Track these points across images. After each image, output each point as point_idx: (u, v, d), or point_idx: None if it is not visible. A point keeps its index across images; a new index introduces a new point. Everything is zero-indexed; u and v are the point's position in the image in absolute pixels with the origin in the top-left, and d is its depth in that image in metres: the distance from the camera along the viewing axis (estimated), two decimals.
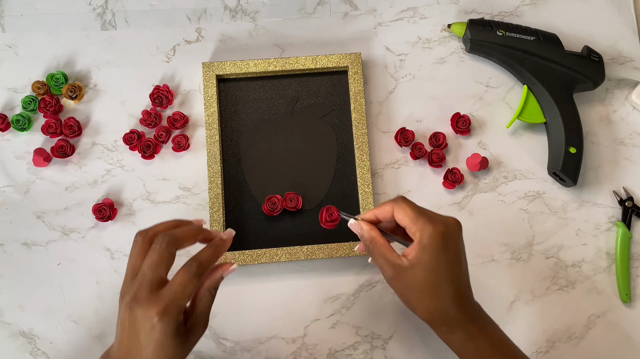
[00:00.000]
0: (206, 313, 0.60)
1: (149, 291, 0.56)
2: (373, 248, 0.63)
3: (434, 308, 0.61)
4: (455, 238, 0.61)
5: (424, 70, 0.83)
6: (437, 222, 0.60)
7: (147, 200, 0.78)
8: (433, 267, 0.60)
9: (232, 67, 0.79)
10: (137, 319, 0.55)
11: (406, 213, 0.61)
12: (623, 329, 0.77)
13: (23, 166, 0.79)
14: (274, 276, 0.77)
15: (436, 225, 0.60)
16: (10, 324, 0.75)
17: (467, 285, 0.63)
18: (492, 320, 0.65)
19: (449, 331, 0.62)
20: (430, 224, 0.60)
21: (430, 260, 0.59)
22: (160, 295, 0.56)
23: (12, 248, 0.77)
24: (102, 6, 0.83)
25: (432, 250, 0.59)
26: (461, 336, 0.62)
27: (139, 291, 0.56)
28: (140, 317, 0.55)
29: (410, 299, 0.62)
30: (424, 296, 0.61)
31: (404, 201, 0.62)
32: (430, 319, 0.62)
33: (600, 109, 0.83)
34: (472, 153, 0.79)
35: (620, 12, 0.85)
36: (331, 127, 0.80)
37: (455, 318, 0.61)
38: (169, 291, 0.56)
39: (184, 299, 0.56)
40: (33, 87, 0.79)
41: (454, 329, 0.62)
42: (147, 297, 0.56)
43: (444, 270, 0.60)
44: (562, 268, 0.78)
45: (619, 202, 0.79)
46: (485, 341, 0.62)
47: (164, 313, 0.55)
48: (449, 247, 0.60)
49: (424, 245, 0.60)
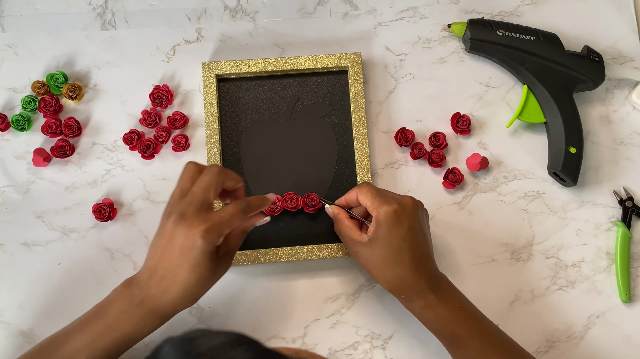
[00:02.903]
0: (234, 251, 0.66)
1: (197, 210, 0.60)
2: (339, 228, 0.71)
3: (392, 278, 0.67)
4: (409, 214, 0.67)
5: (424, 70, 0.83)
6: (392, 201, 0.67)
7: (147, 200, 0.78)
8: (387, 241, 0.66)
9: (232, 66, 0.79)
10: (180, 235, 0.59)
11: (366, 195, 0.68)
12: (623, 329, 0.77)
13: (23, 166, 0.79)
14: (274, 276, 0.77)
15: (391, 204, 0.66)
16: (10, 324, 0.75)
17: (426, 257, 0.68)
18: (456, 291, 0.70)
19: (407, 298, 0.68)
20: (386, 203, 0.66)
21: (385, 235, 0.66)
22: (208, 216, 0.60)
23: (12, 248, 0.77)
24: (102, 6, 0.83)
25: (387, 225, 0.66)
26: (419, 304, 0.68)
27: (187, 208, 0.60)
28: (183, 232, 0.59)
29: (371, 271, 0.68)
30: (381, 267, 0.67)
31: (366, 186, 0.69)
32: (390, 288, 0.68)
33: (600, 109, 0.83)
34: (472, 153, 0.79)
35: (620, 12, 0.85)
36: (331, 127, 0.80)
37: (413, 287, 0.67)
38: (216, 215, 0.60)
39: (227, 227, 0.60)
40: (33, 87, 0.79)
41: (412, 297, 0.68)
42: (194, 215, 0.59)
43: (398, 244, 0.66)
44: (562, 268, 0.78)
45: (619, 202, 0.79)
46: (445, 309, 0.67)
47: (208, 232, 0.58)
48: (402, 222, 0.66)
49: (379, 222, 0.66)
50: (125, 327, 0.63)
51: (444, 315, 0.67)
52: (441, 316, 0.67)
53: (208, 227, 0.59)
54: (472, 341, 0.67)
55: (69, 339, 0.64)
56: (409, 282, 0.67)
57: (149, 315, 0.63)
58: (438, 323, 0.68)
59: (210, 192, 0.61)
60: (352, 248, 0.69)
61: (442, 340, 0.69)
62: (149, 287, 0.62)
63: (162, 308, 0.62)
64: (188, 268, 0.59)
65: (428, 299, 0.67)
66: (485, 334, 0.68)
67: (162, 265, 0.61)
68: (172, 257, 0.60)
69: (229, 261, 0.65)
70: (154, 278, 0.61)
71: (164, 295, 0.61)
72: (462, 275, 0.77)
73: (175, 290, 0.61)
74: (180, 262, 0.59)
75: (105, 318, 0.63)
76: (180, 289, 0.60)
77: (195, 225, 0.59)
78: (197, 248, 0.58)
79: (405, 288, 0.67)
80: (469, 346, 0.67)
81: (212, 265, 0.60)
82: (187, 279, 0.60)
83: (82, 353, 0.62)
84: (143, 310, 0.62)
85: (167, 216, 0.61)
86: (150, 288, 0.62)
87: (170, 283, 0.60)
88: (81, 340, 0.63)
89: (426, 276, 0.67)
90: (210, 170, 0.63)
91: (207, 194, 0.61)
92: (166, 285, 0.61)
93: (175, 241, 0.59)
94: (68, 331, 0.65)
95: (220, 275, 0.64)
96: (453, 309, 0.67)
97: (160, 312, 0.63)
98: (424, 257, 0.68)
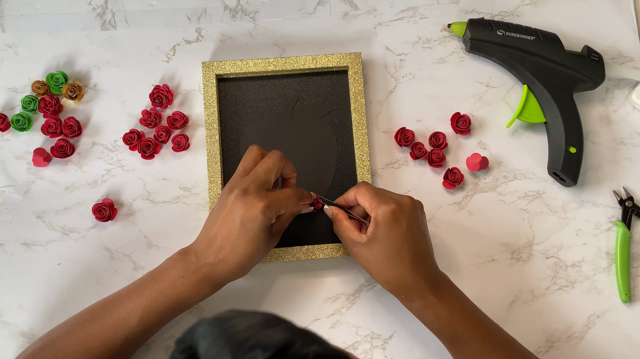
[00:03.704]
0: (283, 231, 0.71)
1: (259, 188, 0.65)
2: (338, 228, 0.71)
3: (391, 278, 0.67)
4: (408, 214, 0.67)
5: (424, 70, 0.83)
6: (389, 201, 0.67)
7: (147, 200, 0.78)
8: (386, 241, 0.66)
9: (232, 66, 0.79)
10: (241, 208, 0.64)
11: (364, 196, 0.68)
12: (623, 329, 0.77)
13: (23, 166, 0.79)
14: (274, 276, 0.77)
15: (388, 204, 0.66)
16: (10, 324, 0.75)
17: (425, 256, 0.68)
18: (457, 290, 0.69)
19: (407, 298, 0.68)
20: (384, 203, 0.66)
21: (383, 235, 0.66)
22: (268, 194, 0.65)
23: (12, 248, 0.77)
24: (102, 6, 0.83)
25: (385, 225, 0.66)
26: (419, 304, 0.68)
27: (250, 185, 0.65)
28: (245, 206, 0.63)
29: (371, 271, 0.69)
30: (381, 267, 0.67)
31: (364, 186, 0.70)
32: (390, 288, 0.69)
33: (600, 109, 0.83)
34: (472, 153, 0.79)
35: (620, 12, 0.85)
36: (331, 127, 0.80)
37: (412, 287, 0.67)
38: (276, 195, 0.66)
39: (284, 207, 0.66)
40: (33, 87, 0.79)
41: (412, 297, 0.68)
42: (256, 192, 0.64)
43: (396, 243, 0.66)
44: (562, 268, 0.78)
45: (619, 202, 0.79)
46: (445, 309, 0.67)
47: (268, 207, 0.64)
48: (400, 222, 0.66)
49: (378, 222, 0.66)
50: (180, 292, 0.66)
51: (444, 315, 0.67)
52: (441, 316, 0.67)
53: (268, 203, 0.64)
54: (473, 340, 0.67)
55: (123, 301, 0.66)
56: (408, 282, 0.67)
57: (203, 282, 0.66)
58: (438, 323, 0.68)
59: (271, 174, 0.66)
60: (351, 248, 0.70)
61: (443, 340, 0.69)
62: (207, 255, 0.65)
63: (218, 276, 0.66)
64: (247, 239, 0.64)
65: (428, 300, 0.67)
66: (485, 333, 0.68)
67: (221, 234, 0.65)
68: (232, 228, 0.64)
69: (278, 239, 0.70)
70: (212, 247, 0.65)
71: (220, 264, 0.65)
72: (462, 275, 0.77)
73: (232, 259, 0.65)
74: (240, 233, 0.64)
75: (160, 282, 0.66)
76: (237, 259, 0.65)
77: (257, 200, 0.63)
78: (257, 221, 0.63)
79: (405, 287, 0.67)
80: (469, 346, 0.67)
81: (266, 238, 0.65)
82: (245, 250, 0.64)
83: (135, 314, 0.65)
84: (198, 276, 0.66)
85: (229, 191, 0.66)
86: (207, 256, 0.65)
87: (229, 253, 0.64)
88: (135, 302, 0.66)
89: (426, 276, 0.68)
90: (273, 155, 0.68)
91: (268, 175, 0.66)
92: (224, 254, 0.65)
93: (236, 214, 0.64)
94: (121, 294, 0.68)
95: (270, 250, 0.70)
96: (453, 309, 0.67)
97: (215, 280, 0.66)
98: (424, 256, 0.68)
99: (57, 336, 0.67)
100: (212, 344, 0.39)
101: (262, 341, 0.37)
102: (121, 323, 0.65)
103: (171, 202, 0.78)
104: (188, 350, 0.40)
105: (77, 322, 0.67)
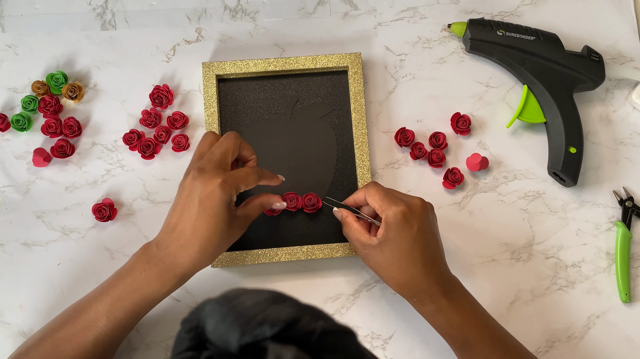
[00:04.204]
0: (251, 219, 0.68)
1: (216, 166, 0.63)
2: (347, 231, 0.70)
3: (403, 281, 0.66)
4: (419, 216, 0.66)
5: (424, 70, 0.83)
6: (400, 202, 0.66)
7: (147, 200, 0.78)
8: (397, 243, 0.65)
9: (232, 67, 0.79)
10: (198, 187, 0.62)
11: (374, 197, 0.67)
12: (623, 329, 0.77)
13: (23, 166, 0.79)
14: (274, 276, 0.77)
15: (399, 205, 0.65)
16: (10, 324, 0.75)
17: (437, 259, 0.67)
18: (468, 294, 0.68)
19: (419, 302, 0.67)
20: (394, 205, 0.65)
21: (394, 237, 0.65)
22: (224, 172, 0.63)
23: (12, 248, 0.77)
24: (102, 6, 0.83)
25: (396, 227, 0.65)
26: (431, 308, 0.67)
27: (206, 164, 0.63)
28: (202, 184, 0.62)
29: (382, 274, 0.68)
30: (392, 270, 0.66)
31: (373, 187, 0.68)
32: (401, 291, 0.68)
33: (600, 109, 0.83)
34: (472, 153, 0.79)
35: (620, 12, 0.85)
36: (331, 127, 0.80)
37: (424, 290, 0.66)
38: (234, 172, 0.64)
39: (242, 183, 0.64)
40: (33, 87, 0.79)
41: (424, 301, 0.67)
42: (212, 169, 0.63)
43: (407, 246, 0.65)
44: (562, 268, 0.78)
45: (619, 202, 0.79)
46: (456, 313, 0.66)
47: (225, 182, 0.62)
48: (411, 224, 0.65)
49: (388, 224, 0.65)
50: (143, 286, 0.64)
51: (456, 320, 0.66)
52: (453, 320, 0.66)
53: (225, 178, 0.62)
54: (482, 346, 0.66)
55: (90, 304, 0.65)
56: (420, 284, 0.66)
57: (166, 273, 0.64)
58: (449, 328, 0.67)
59: (228, 154, 0.65)
60: (361, 251, 0.69)
61: (452, 344, 0.68)
62: (168, 244, 0.63)
63: (180, 264, 0.63)
64: (207, 218, 0.62)
65: (440, 304, 0.66)
66: (495, 339, 0.67)
67: (181, 219, 0.63)
68: (191, 209, 0.62)
69: (245, 225, 0.68)
70: (174, 234, 0.63)
71: (181, 250, 0.63)
72: (462, 274, 0.77)
73: (194, 242, 0.62)
74: (199, 212, 0.62)
75: (124, 279, 0.65)
76: (198, 241, 0.62)
77: (214, 176, 0.62)
78: (215, 196, 0.61)
79: (417, 290, 0.66)
80: (479, 351, 0.66)
81: (229, 217, 0.63)
82: (206, 230, 0.62)
83: (103, 316, 0.64)
84: (161, 268, 0.64)
85: (185, 176, 0.65)
86: (169, 245, 0.63)
87: (190, 236, 0.62)
88: (102, 302, 0.64)
89: (438, 279, 0.67)
90: (228, 135, 0.67)
91: (225, 155, 0.65)
92: (185, 239, 0.63)
93: (194, 194, 0.62)
94: (89, 297, 0.66)
95: (236, 235, 0.67)
96: (465, 313, 0.66)
97: (178, 269, 0.64)
98: (435, 259, 0.67)
99: (31, 344, 0.66)
100: (220, 321, 0.39)
101: (270, 317, 0.38)
102: (90, 325, 0.64)
103: (171, 202, 0.78)
104: (195, 329, 0.40)
105: (50, 327, 0.66)
